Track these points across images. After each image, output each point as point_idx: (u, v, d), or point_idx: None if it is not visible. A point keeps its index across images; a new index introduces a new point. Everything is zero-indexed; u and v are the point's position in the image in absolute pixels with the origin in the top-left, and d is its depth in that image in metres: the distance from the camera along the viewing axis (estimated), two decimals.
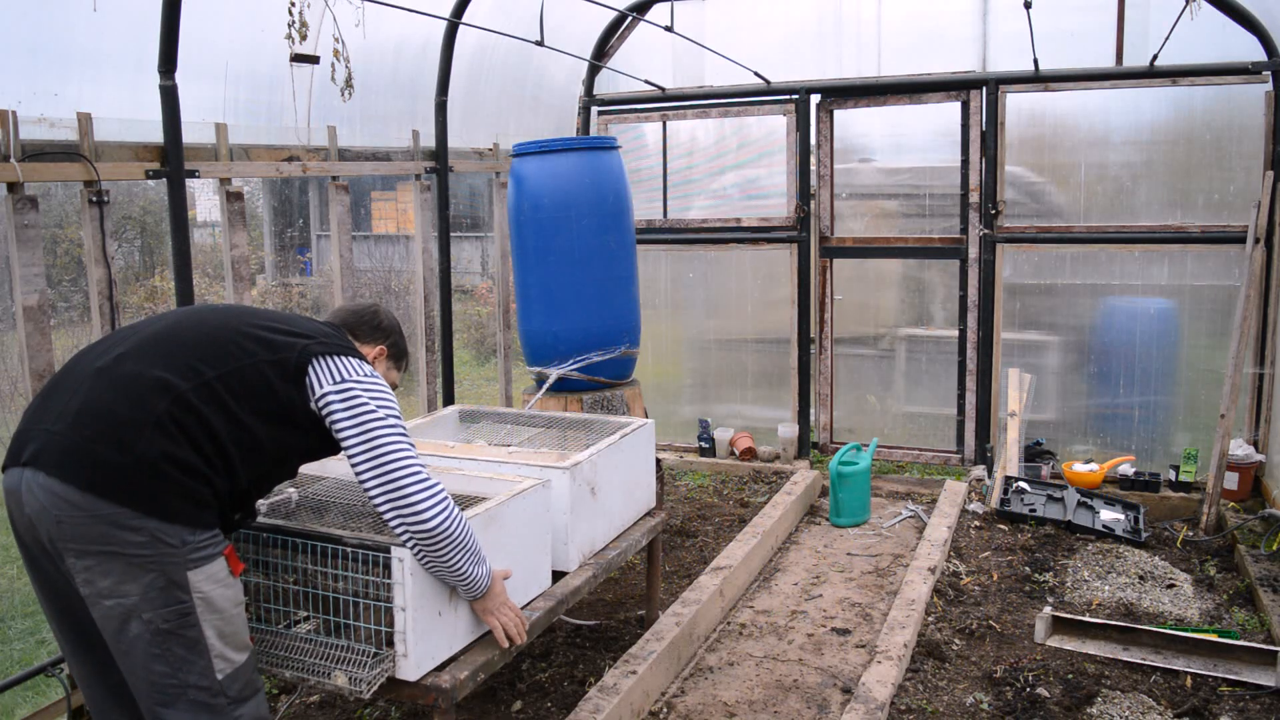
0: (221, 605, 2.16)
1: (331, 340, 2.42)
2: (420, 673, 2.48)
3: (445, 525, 2.34)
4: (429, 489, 2.33)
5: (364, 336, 2.66)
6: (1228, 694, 3.39)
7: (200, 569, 2.12)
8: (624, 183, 4.80)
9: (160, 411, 2.10)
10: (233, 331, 2.29)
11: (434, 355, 5.22)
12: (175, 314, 2.40)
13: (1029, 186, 5.79)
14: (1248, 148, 5.24)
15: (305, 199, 16.35)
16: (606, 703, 3.13)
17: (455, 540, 2.38)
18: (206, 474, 2.14)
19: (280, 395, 2.27)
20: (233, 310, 2.44)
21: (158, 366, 2.16)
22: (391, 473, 2.30)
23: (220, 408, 2.17)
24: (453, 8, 4.81)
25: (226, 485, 2.19)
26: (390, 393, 2.42)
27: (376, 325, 2.70)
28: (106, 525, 2.04)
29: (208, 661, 2.14)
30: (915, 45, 5.83)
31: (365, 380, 2.36)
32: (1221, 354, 5.26)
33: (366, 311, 2.72)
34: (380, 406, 2.34)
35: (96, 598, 2.08)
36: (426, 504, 2.32)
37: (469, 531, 2.42)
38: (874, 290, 6.31)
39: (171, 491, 2.09)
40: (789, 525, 5.17)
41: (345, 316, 2.68)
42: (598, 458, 3.33)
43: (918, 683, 3.56)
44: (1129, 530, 4.85)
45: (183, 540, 2.09)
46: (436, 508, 2.33)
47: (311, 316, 2.64)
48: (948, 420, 6.13)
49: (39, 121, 3.16)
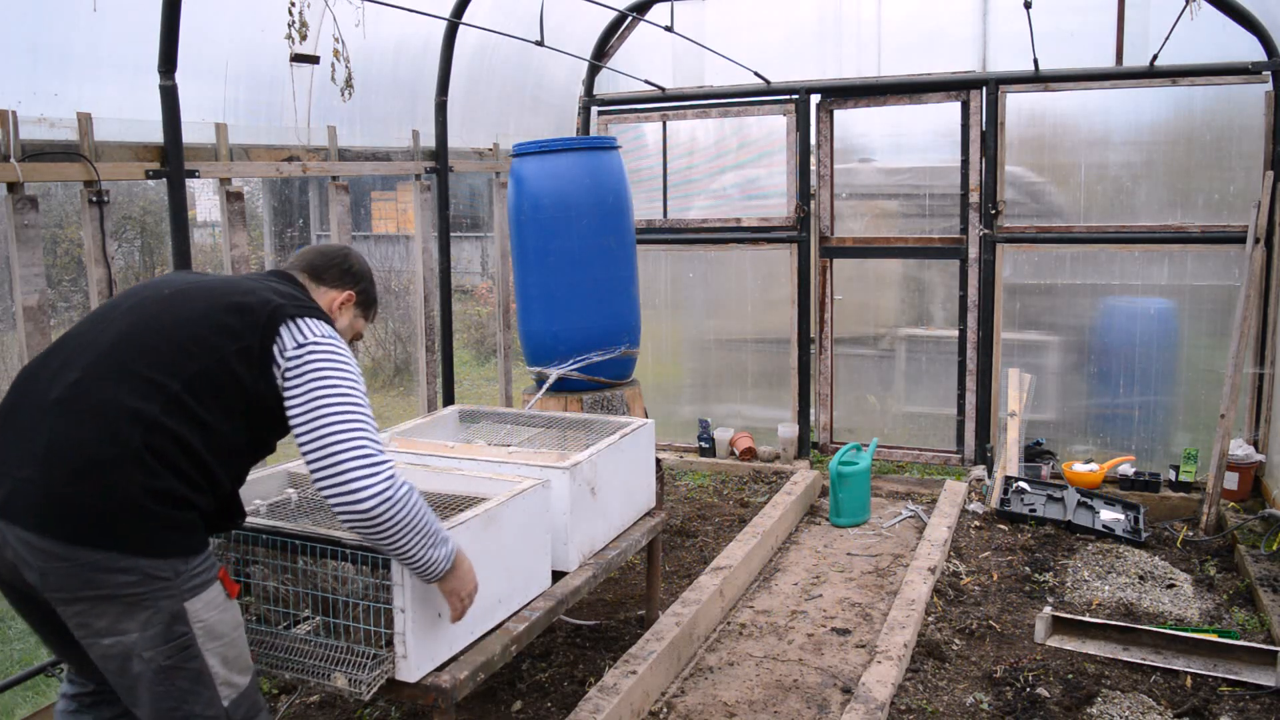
0: (222, 630, 2.10)
1: (294, 301, 2.24)
2: (420, 674, 2.48)
3: (385, 509, 2.11)
4: (370, 465, 2.10)
5: (332, 280, 2.46)
6: (1228, 694, 3.39)
7: (198, 597, 2.05)
8: (624, 183, 4.80)
9: (135, 445, 1.97)
10: (190, 323, 2.12)
11: (434, 355, 5.22)
12: (124, 313, 2.17)
13: (1029, 186, 5.79)
14: (1248, 148, 5.24)
15: (305, 199, 16.35)
16: (606, 703, 3.13)
17: (399, 524, 2.15)
18: (191, 497, 2.04)
19: (248, 387, 2.12)
20: (184, 293, 2.21)
21: (122, 390, 2.01)
22: (329, 446, 2.10)
23: (193, 421, 2.05)
24: (453, 8, 4.81)
25: (211, 499, 2.12)
26: (349, 357, 2.24)
27: (347, 269, 2.49)
28: (94, 571, 1.94)
29: (213, 691, 2.08)
30: (915, 45, 5.83)
31: (325, 344, 2.19)
32: (1221, 354, 5.26)
33: (337, 254, 2.51)
34: (334, 371, 2.16)
35: (93, 638, 2.00)
36: (364, 482, 2.09)
37: (419, 514, 2.20)
38: (874, 290, 6.31)
39: (159, 526, 1.99)
40: (789, 525, 5.17)
41: (313, 258, 2.47)
42: (598, 458, 3.33)
43: (918, 683, 3.56)
44: (1129, 530, 4.85)
45: (176, 571, 2.01)
46: (375, 487, 2.09)
47: (278, 271, 2.46)
48: (948, 420, 6.13)
49: (39, 121, 3.16)
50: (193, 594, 2.04)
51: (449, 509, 2.77)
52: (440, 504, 2.84)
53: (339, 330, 2.38)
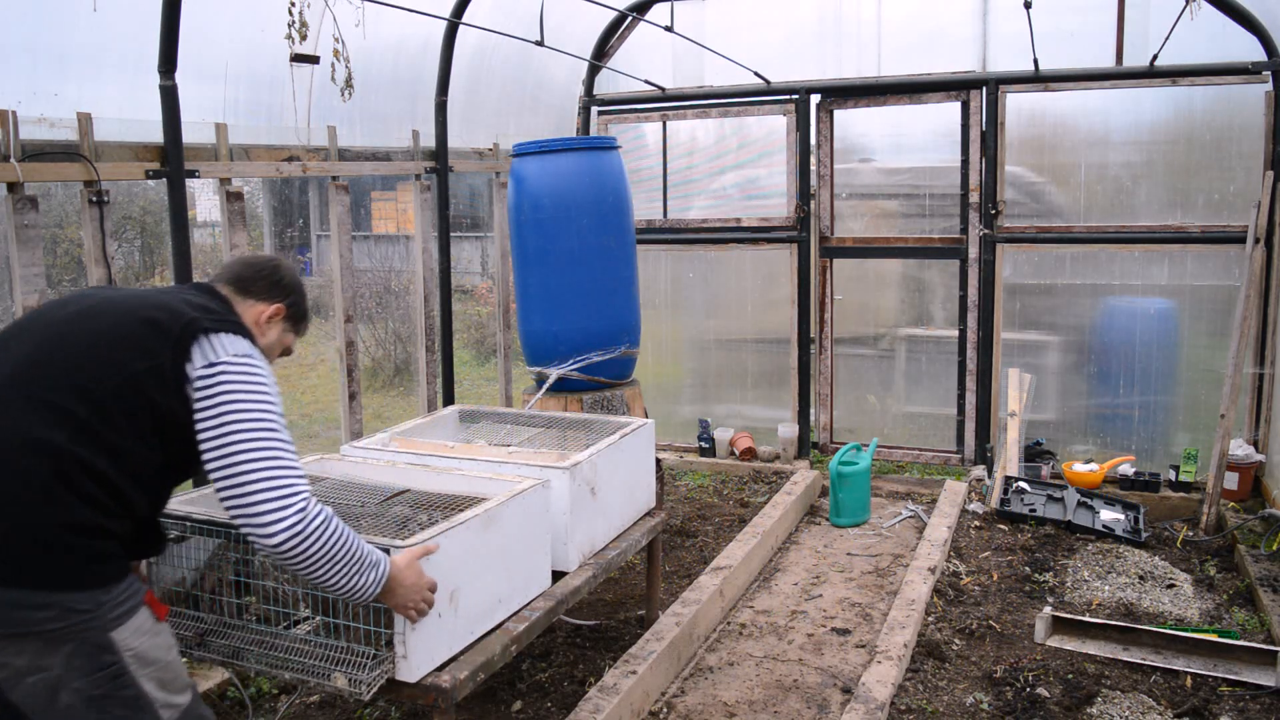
0: (154, 656, 2.02)
1: (210, 315, 2.12)
2: (419, 674, 2.48)
3: (296, 543, 2.01)
4: (280, 498, 2.00)
5: (258, 293, 2.31)
6: (1228, 694, 3.39)
7: (123, 626, 1.96)
8: (624, 183, 4.80)
9: (45, 477, 1.88)
10: (97, 342, 2.02)
11: (434, 355, 5.22)
12: (28, 338, 2.06)
13: (1029, 186, 5.79)
14: (1248, 148, 5.24)
15: (305, 199, 16.36)
16: (606, 703, 3.13)
17: (313, 557, 2.04)
18: (106, 525, 1.95)
19: (162, 408, 2.01)
20: (91, 311, 2.10)
21: (27, 419, 1.92)
22: (238, 476, 1.99)
23: (104, 447, 1.95)
24: (453, 8, 4.81)
25: (129, 526, 2.02)
26: (264, 376, 2.10)
27: (276, 281, 2.34)
28: (10, 609, 1.87)
29: (154, 714, 2.01)
30: (915, 45, 5.83)
31: (239, 361, 2.07)
32: (1221, 354, 5.26)
33: (266, 265, 2.37)
34: (245, 392, 2.04)
35: (16, 678, 1.91)
36: (273, 516, 1.98)
37: (336, 544, 2.08)
38: (874, 290, 6.31)
39: (74, 559, 1.90)
40: (789, 525, 5.17)
41: (239, 270, 2.34)
42: (598, 458, 3.33)
43: (918, 683, 3.56)
44: (1129, 530, 4.85)
45: (97, 603, 1.92)
46: (284, 521, 1.99)
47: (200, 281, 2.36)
48: (948, 420, 6.13)
49: (39, 121, 3.16)
50: (117, 623, 1.95)
51: (449, 509, 2.77)
52: (440, 504, 2.84)
53: (266, 345, 2.29)
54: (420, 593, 2.36)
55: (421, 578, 2.37)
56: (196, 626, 2.61)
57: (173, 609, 2.65)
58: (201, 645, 2.58)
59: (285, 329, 2.39)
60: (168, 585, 2.66)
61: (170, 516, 2.61)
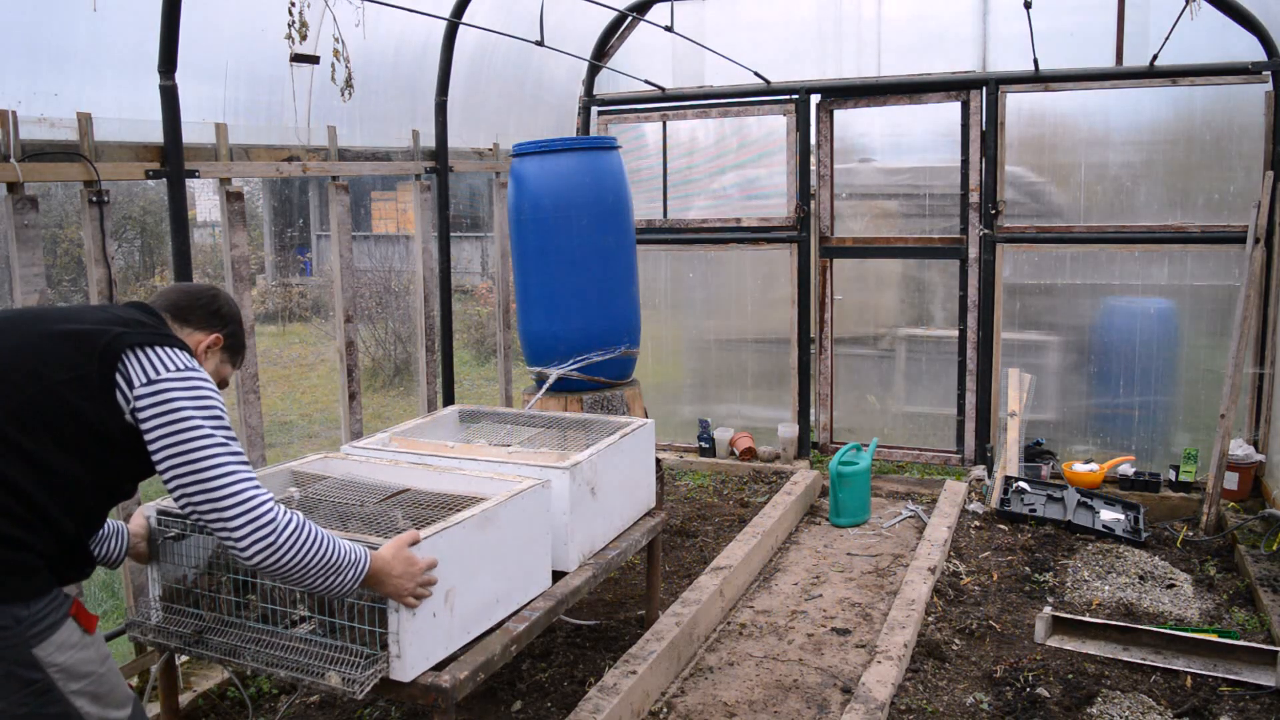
0: (84, 669, 1.95)
1: (141, 329, 2.06)
2: (414, 674, 2.47)
3: (268, 554, 2.03)
4: (246, 511, 2.00)
5: (196, 322, 2.25)
6: (1228, 694, 3.39)
7: (46, 641, 1.89)
8: (624, 183, 4.81)
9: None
10: (16, 354, 1.96)
11: (434, 355, 5.22)
12: None
13: (1029, 186, 5.79)
14: (1248, 148, 5.24)
15: (305, 199, 16.37)
16: (606, 703, 3.13)
17: (288, 565, 2.06)
18: (24, 538, 1.89)
19: (88, 418, 1.95)
20: (12, 322, 2.06)
21: None
22: (202, 496, 1.99)
23: (21, 457, 1.89)
24: (453, 8, 4.81)
25: (51, 541, 1.95)
26: (213, 391, 2.07)
27: (214, 310, 2.29)
28: None
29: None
30: (915, 45, 5.83)
31: (182, 376, 2.02)
32: (1221, 354, 5.26)
33: (204, 294, 2.31)
34: (198, 410, 2.00)
35: None
36: (243, 531, 2.00)
37: (309, 548, 2.09)
38: (874, 290, 6.31)
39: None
40: (789, 525, 5.17)
41: (176, 297, 2.27)
42: (598, 458, 3.33)
43: (918, 683, 3.56)
44: (1129, 530, 4.85)
45: (16, 619, 1.86)
46: (253, 535, 2.00)
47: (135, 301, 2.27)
48: (948, 420, 6.13)
49: (39, 121, 3.16)
50: (39, 639, 1.89)
51: (448, 509, 2.77)
52: (440, 504, 2.84)
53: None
54: (413, 580, 2.36)
55: (412, 565, 2.36)
56: (195, 624, 2.61)
57: (172, 606, 2.66)
58: (199, 643, 2.58)
59: (223, 359, 2.34)
60: (168, 583, 2.66)
61: (170, 515, 2.61)
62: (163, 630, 2.64)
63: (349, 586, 2.21)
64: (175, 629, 2.62)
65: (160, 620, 2.66)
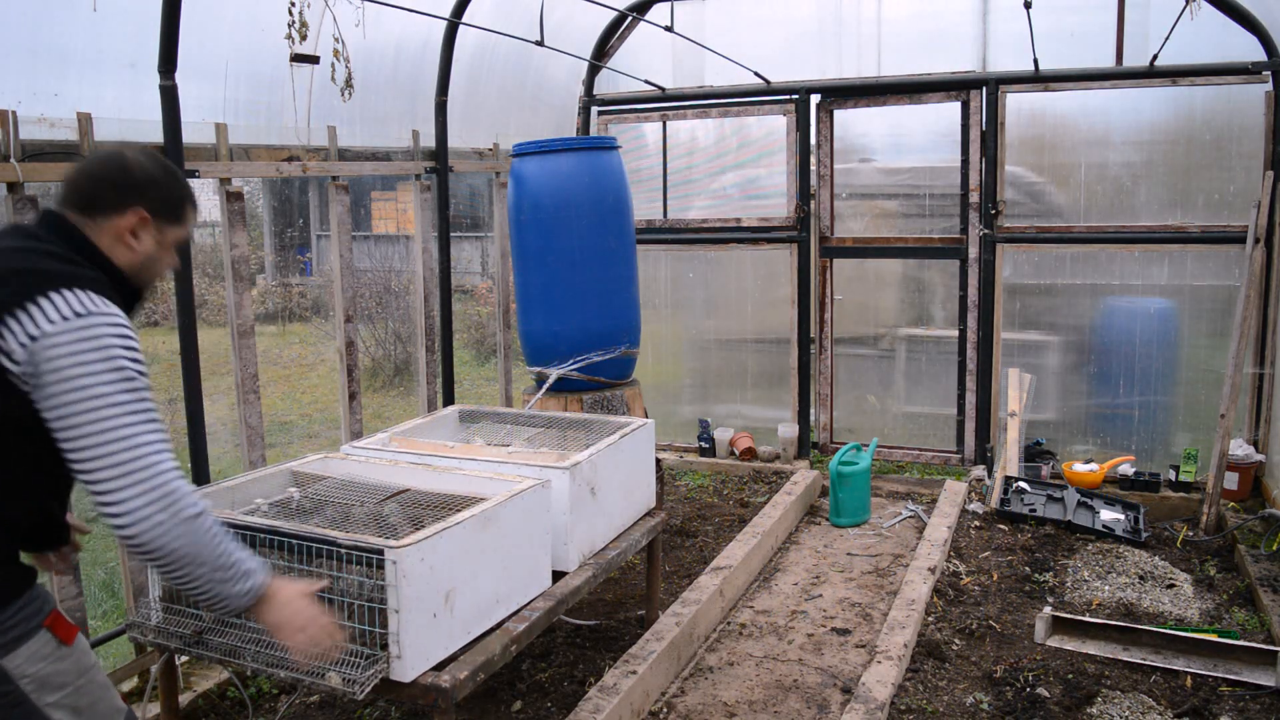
0: (61, 680, 1.84)
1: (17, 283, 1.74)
2: (414, 674, 2.47)
3: (156, 533, 1.72)
4: (136, 484, 1.71)
5: (108, 204, 1.89)
6: (1228, 694, 3.39)
7: (15, 652, 1.77)
8: (624, 183, 4.81)
9: None
10: None
11: (434, 355, 5.22)
12: None
13: (1029, 186, 5.79)
14: (1248, 148, 5.24)
15: (305, 199, 16.38)
16: (606, 703, 3.13)
17: (175, 553, 1.75)
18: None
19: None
20: None
21: None
22: (90, 465, 1.71)
23: None
24: (453, 8, 4.81)
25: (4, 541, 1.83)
26: (103, 338, 1.74)
27: (122, 183, 1.90)
28: None
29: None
30: (915, 45, 5.83)
31: (58, 330, 1.70)
32: (1221, 354, 5.26)
33: (108, 165, 1.92)
34: (82, 367, 1.70)
35: None
36: (128, 503, 1.70)
37: (207, 543, 1.79)
38: (874, 290, 6.31)
39: None
40: (789, 525, 5.17)
41: (81, 183, 1.91)
42: (598, 458, 3.33)
43: (918, 683, 3.56)
44: (1129, 530, 4.85)
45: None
46: (141, 510, 1.71)
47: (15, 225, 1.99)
48: (948, 420, 6.13)
49: (39, 121, 3.16)
50: (7, 650, 1.77)
51: (448, 509, 2.77)
52: (440, 504, 2.84)
53: (145, 259, 1.94)
54: (303, 620, 1.98)
55: (304, 609, 1.99)
56: (195, 624, 2.61)
57: (172, 607, 2.66)
58: (199, 643, 2.58)
59: (160, 230, 1.95)
60: (169, 583, 2.66)
61: None
62: (163, 630, 2.64)
63: (235, 601, 1.88)
64: (175, 629, 2.62)
65: (160, 620, 2.66)
